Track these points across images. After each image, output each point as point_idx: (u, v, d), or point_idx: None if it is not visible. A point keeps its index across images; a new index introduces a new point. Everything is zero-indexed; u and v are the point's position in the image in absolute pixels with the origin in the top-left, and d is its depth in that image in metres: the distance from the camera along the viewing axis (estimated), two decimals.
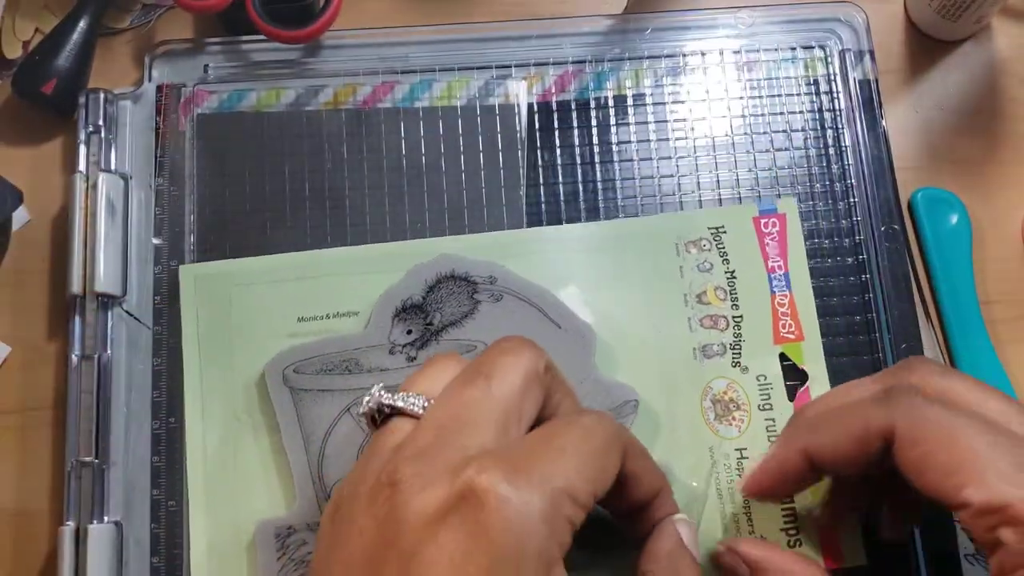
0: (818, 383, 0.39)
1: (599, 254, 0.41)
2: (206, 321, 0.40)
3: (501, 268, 0.40)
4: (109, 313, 0.40)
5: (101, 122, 0.42)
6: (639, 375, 0.39)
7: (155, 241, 0.41)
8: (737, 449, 0.38)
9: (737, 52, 0.44)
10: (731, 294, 0.40)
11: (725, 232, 0.41)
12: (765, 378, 0.39)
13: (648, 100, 0.44)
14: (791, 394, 0.39)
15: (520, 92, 0.43)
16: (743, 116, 0.43)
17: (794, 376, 0.39)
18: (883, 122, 0.43)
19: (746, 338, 0.40)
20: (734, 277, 0.40)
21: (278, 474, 0.38)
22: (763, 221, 0.41)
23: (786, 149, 0.43)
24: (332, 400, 0.38)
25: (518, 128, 0.43)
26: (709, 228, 0.41)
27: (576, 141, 0.43)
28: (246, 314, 0.40)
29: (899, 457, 0.29)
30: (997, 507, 0.26)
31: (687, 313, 0.40)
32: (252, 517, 0.37)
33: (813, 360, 0.39)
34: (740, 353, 0.39)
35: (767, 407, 0.39)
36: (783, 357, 0.39)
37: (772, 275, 0.40)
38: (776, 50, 0.44)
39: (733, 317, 0.40)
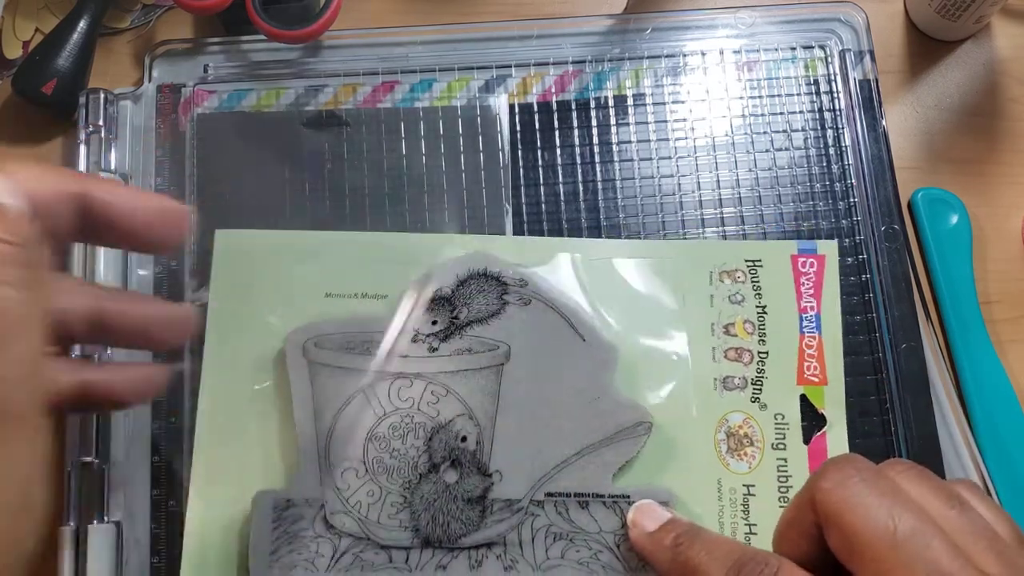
0: (836, 429, 0.39)
1: (631, 271, 0.40)
2: (235, 284, 0.40)
3: (533, 273, 0.40)
4: None
5: (101, 122, 0.42)
6: (656, 398, 0.39)
7: None
8: (745, 485, 0.38)
9: (737, 52, 0.44)
10: (759, 329, 0.40)
11: (761, 266, 0.40)
12: (783, 417, 0.39)
13: (648, 100, 0.44)
14: (807, 437, 0.39)
15: (520, 92, 0.43)
16: (743, 116, 0.43)
17: (812, 419, 0.39)
18: (883, 122, 0.43)
19: (769, 375, 0.39)
20: (765, 312, 0.40)
21: (283, 446, 0.38)
22: (801, 260, 0.41)
23: (786, 149, 0.43)
24: (348, 378, 0.38)
25: (518, 128, 0.43)
26: (746, 260, 0.41)
27: (576, 141, 0.43)
28: (275, 283, 0.40)
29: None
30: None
31: (712, 343, 0.40)
32: (252, 486, 0.37)
33: (834, 405, 0.39)
34: (761, 389, 0.39)
35: (781, 447, 0.39)
36: (803, 399, 0.39)
37: (803, 315, 0.40)
38: (776, 50, 0.44)
39: (758, 352, 0.40)
